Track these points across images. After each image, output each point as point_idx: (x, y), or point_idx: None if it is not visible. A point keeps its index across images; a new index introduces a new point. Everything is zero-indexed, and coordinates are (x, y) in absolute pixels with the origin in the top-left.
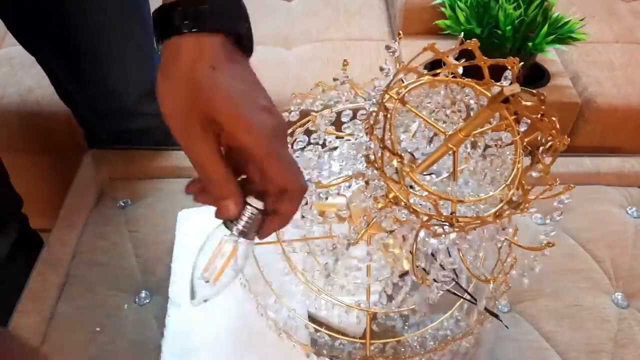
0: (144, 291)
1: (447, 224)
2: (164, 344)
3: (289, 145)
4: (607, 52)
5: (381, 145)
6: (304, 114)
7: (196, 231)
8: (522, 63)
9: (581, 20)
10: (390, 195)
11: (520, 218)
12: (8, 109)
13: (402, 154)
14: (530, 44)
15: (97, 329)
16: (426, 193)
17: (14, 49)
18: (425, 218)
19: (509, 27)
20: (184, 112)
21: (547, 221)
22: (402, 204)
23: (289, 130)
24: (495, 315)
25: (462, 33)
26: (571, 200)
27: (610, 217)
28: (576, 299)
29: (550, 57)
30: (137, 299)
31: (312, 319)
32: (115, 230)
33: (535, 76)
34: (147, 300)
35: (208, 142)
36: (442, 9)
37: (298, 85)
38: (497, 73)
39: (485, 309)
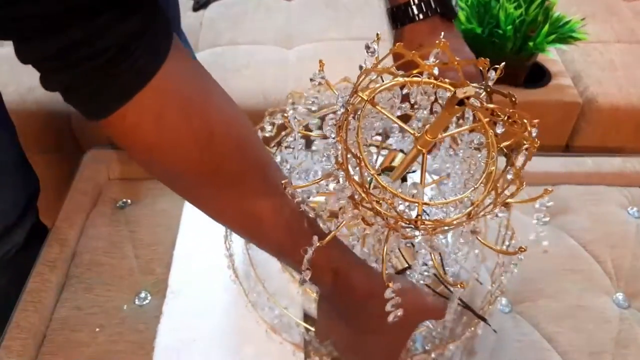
0: (143, 291)
1: (411, 226)
2: (159, 331)
3: (277, 148)
4: (608, 52)
5: (344, 147)
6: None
7: (201, 221)
8: (503, 64)
9: (582, 19)
10: (357, 198)
11: (519, 219)
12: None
13: (397, 151)
14: (531, 43)
15: (97, 329)
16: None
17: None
18: (392, 221)
19: (509, 27)
20: None
21: (534, 221)
22: (367, 205)
23: (283, 133)
24: (484, 319)
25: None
26: (573, 201)
27: (611, 217)
28: (577, 300)
29: (552, 56)
30: (136, 299)
31: (308, 317)
32: (115, 230)
33: (536, 76)
34: (147, 301)
35: None
36: None
37: (298, 85)
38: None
39: (473, 312)
